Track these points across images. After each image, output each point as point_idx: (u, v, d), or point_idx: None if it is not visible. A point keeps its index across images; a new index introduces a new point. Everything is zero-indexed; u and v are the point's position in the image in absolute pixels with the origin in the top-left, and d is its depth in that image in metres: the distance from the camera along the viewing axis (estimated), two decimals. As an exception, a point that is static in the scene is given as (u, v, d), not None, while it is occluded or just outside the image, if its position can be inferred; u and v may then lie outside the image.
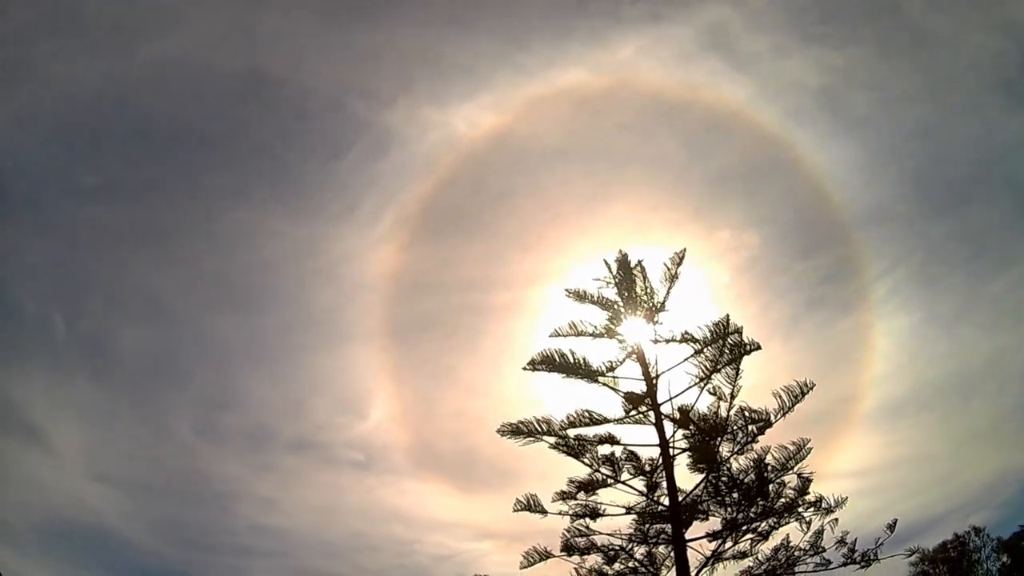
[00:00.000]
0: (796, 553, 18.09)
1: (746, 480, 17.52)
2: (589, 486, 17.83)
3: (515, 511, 17.84)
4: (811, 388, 17.22)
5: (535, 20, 73.93)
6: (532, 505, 17.81)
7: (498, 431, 17.47)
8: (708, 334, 17.14)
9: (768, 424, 17.35)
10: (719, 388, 17.34)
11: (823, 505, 17.87)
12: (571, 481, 17.88)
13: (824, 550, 17.94)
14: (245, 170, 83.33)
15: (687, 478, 18.05)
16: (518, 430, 17.38)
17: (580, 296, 18.24)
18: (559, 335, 17.80)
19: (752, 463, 17.48)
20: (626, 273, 18.15)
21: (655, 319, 17.90)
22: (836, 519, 17.98)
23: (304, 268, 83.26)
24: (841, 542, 17.88)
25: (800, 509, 17.90)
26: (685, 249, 18.02)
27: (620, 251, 18.36)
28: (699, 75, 67.07)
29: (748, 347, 17.12)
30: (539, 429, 17.39)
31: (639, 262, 18.20)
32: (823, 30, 74.17)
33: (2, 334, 70.55)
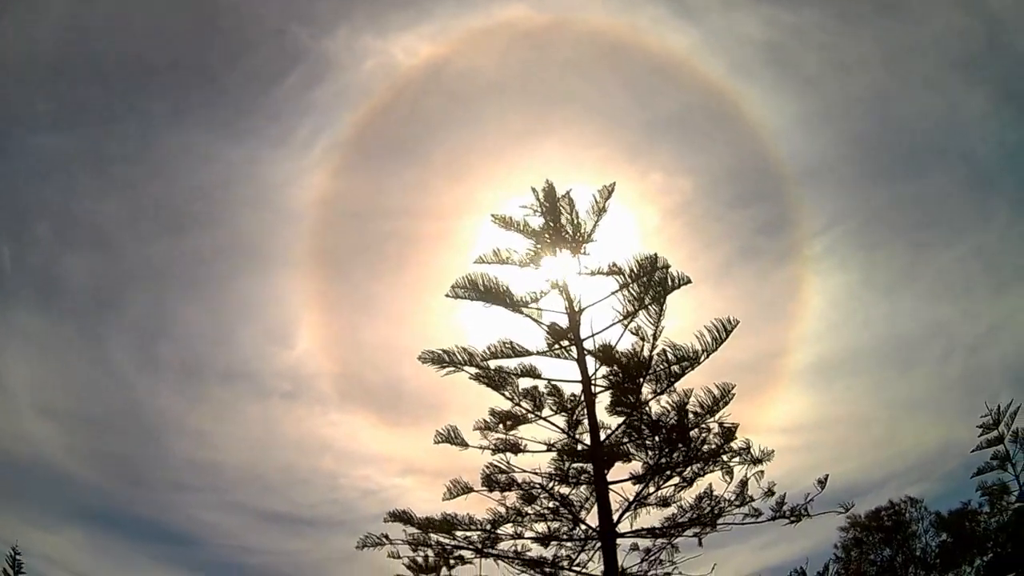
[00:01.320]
0: (722, 503, 17.82)
1: (668, 423, 17.21)
2: (510, 419, 17.54)
3: (436, 442, 17.62)
4: (735, 325, 16.69)
5: (479, -49, 73.89)
6: (453, 437, 17.55)
7: (419, 358, 17.23)
8: (635, 267, 16.80)
9: (692, 364, 16.96)
10: (641, 328, 16.98)
11: (749, 454, 17.53)
12: (492, 412, 17.61)
13: (752, 499, 17.61)
14: (187, 96, 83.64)
15: (610, 418, 17.84)
16: (439, 358, 17.13)
17: (506, 223, 17.93)
18: (483, 262, 17.52)
19: (674, 405, 17.15)
20: (552, 203, 17.82)
21: (581, 250, 17.64)
22: (762, 471, 17.61)
23: (237, 193, 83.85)
24: (769, 492, 17.53)
25: (725, 457, 17.53)
26: (615, 183, 17.64)
27: (547, 181, 17.99)
28: (644, 20, 66.87)
29: (677, 281, 16.72)
30: (461, 359, 17.14)
31: (567, 192, 17.89)
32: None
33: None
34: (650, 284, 16.76)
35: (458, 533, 17.74)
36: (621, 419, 17.53)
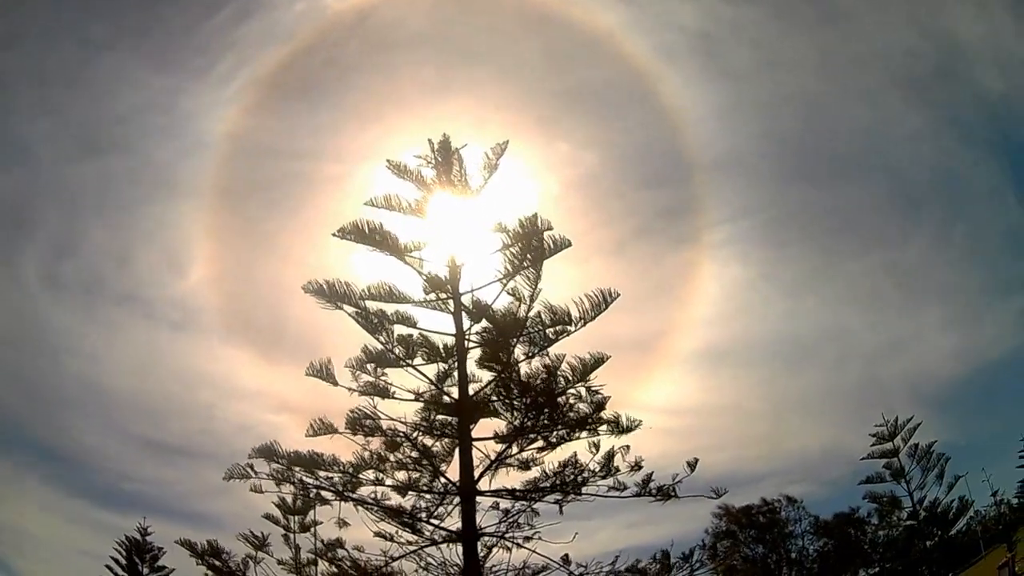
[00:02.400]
0: (586, 473, 17.95)
1: (536, 385, 17.27)
2: (381, 361, 17.52)
3: (307, 374, 17.52)
4: (615, 297, 16.74)
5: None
6: (324, 372, 17.46)
7: (303, 287, 17.15)
8: (518, 228, 16.82)
9: (566, 330, 17.06)
10: (518, 289, 17.00)
11: (618, 426, 17.60)
12: (365, 350, 17.54)
13: (617, 471, 17.72)
14: (124, 21, 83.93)
15: (480, 374, 17.93)
16: (321, 290, 17.06)
17: (399, 170, 18.00)
18: (373, 206, 17.59)
19: (544, 368, 17.20)
20: (447, 156, 17.90)
21: (470, 205, 17.75)
22: (628, 446, 17.78)
23: (154, 121, 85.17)
24: (636, 467, 17.67)
25: (591, 425, 17.62)
26: (507, 141, 17.80)
27: (444, 134, 18.09)
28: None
29: (558, 244, 16.79)
30: (341, 294, 17.10)
31: (461, 147, 17.95)
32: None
33: None
34: (531, 245, 16.81)
35: (321, 473, 17.72)
36: (491, 376, 17.62)
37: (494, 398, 17.70)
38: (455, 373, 17.81)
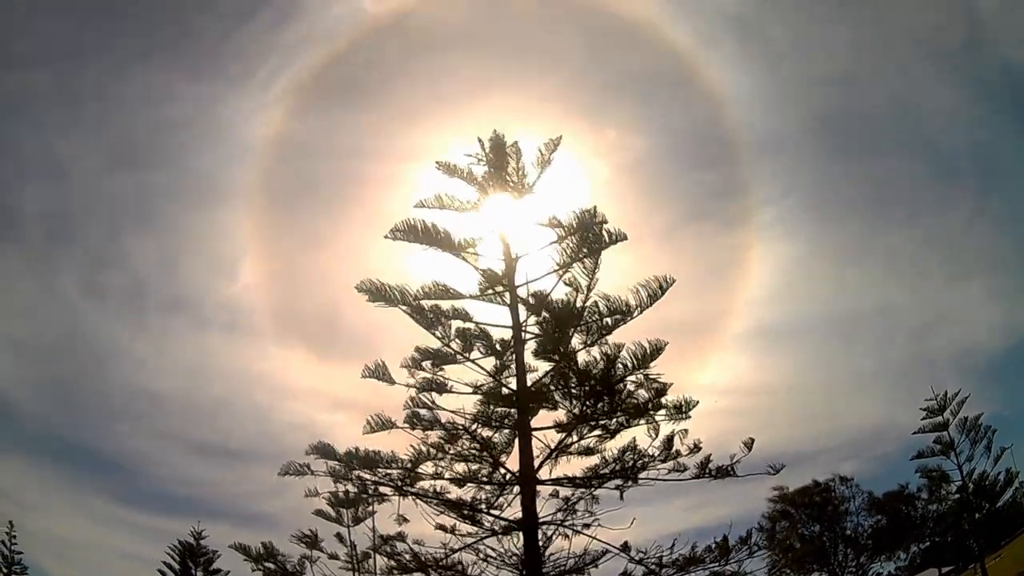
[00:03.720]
0: (646, 457, 17.96)
1: (595, 373, 17.32)
2: (438, 357, 17.65)
3: (363, 377, 17.63)
4: (671, 284, 16.88)
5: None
6: (381, 373, 17.58)
7: (356, 287, 17.22)
8: (573, 221, 16.91)
9: (624, 318, 17.14)
10: (575, 279, 17.11)
11: (678, 411, 17.55)
12: (418, 349, 17.67)
13: (678, 454, 17.74)
14: (157, 33, 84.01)
15: (538, 365, 17.99)
16: (375, 290, 17.16)
17: (450, 169, 17.99)
18: (424, 206, 17.62)
19: (603, 357, 17.24)
20: (498, 153, 17.88)
21: (523, 200, 17.75)
22: (686, 430, 17.76)
23: (196, 130, 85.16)
24: (695, 449, 17.62)
25: (650, 411, 17.65)
26: (561, 136, 17.81)
27: (495, 131, 18.05)
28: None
29: (614, 237, 16.84)
30: (394, 295, 17.20)
31: (514, 143, 17.94)
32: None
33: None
34: (587, 238, 16.84)
35: (380, 469, 17.78)
36: (549, 366, 17.66)
37: (552, 388, 17.72)
38: (512, 365, 17.84)
